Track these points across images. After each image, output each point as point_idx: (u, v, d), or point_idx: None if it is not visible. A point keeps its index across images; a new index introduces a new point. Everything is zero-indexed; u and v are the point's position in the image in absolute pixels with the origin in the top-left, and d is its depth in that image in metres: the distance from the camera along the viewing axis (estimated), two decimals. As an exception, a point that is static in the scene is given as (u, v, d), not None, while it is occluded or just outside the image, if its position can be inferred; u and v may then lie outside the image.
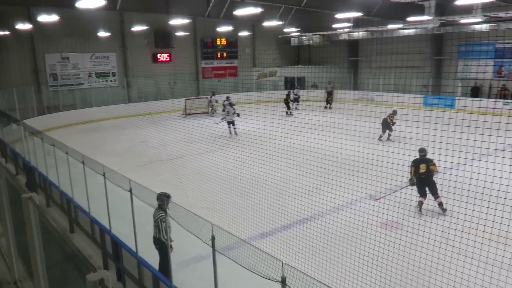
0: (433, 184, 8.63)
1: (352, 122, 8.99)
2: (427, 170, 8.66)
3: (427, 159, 8.84)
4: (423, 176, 8.69)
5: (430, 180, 8.67)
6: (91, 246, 8.31)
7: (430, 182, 8.67)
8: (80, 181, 8.35)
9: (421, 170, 8.71)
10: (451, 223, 6.59)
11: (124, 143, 16.49)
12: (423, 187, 8.74)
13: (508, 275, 5.40)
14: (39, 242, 2.82)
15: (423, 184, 8.73)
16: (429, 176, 8.66)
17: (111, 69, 25.25)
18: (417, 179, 8.73)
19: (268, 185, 9.37)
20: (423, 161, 8.82)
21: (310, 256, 6.64)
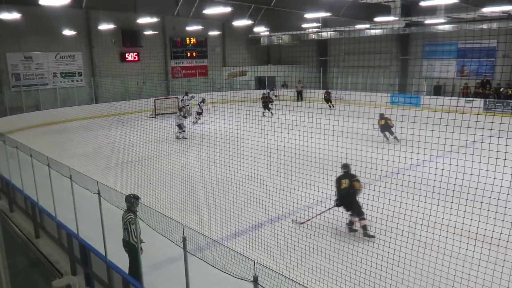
0: (356, 203, 8.01)
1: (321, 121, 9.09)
2: (349, 185, 8.05)
3: (351, 174, 8.31)
4: (343, 193, 8.10)
5: (353, 198, 8.03)
6: (57, 251, 8.08)
7: (354, 201, 8.02)
8: (46, 184, 8.11)
9: (343, 186, 8.11)
10: (417, 219, 6.78)
11: (91, 145, 16.11)
12: (345, 204, 8.16)
13: (472, 267, 5.61)
14: (1, 248, 2.72)
15: (345, 201, 8.13)
16: (351, 194, 8.04)
17: (77, 69, 24.62)
18: (340, 196, 8.15)
19: (239, 185, 9.37)
20: (345, 176, 8.28)
21: (282, 254, 6.69)
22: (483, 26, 20.66)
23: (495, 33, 21.01)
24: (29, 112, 21.83)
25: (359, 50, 26.49)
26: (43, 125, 21.27)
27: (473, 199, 6.16)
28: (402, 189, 7.38)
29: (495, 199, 5.79)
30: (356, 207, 7.99)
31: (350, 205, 8.05)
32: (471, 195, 6.06)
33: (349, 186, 8.03)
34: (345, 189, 8.05)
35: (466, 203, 6.52)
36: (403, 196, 7.12)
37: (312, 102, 27.22)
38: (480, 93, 22.56)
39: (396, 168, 9.53)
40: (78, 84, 24.70)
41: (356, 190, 8.02)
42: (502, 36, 21.46)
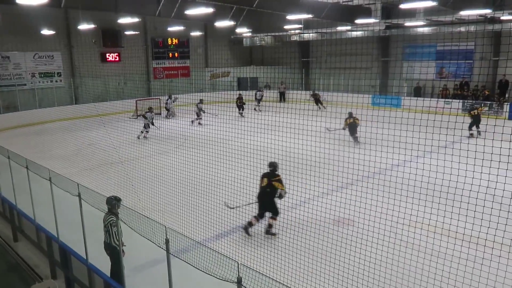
0: (272, 203, 8.03)
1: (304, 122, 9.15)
2: (267, 184, 8.00)
3: (273, 174, 8.16)
4: (261, 190, 8.12)
5: (269, 197, 8.02)
6: (37, 255, 7.91)
7: (269, 200, 8.04)
8: (24, 187, 7.94)
9: (263, 184, 8.14)
10: (399, 218, 6.88)
11: (71, 146, 15.83)
12: (260, 203, 8.13)
13: (452, 265, 5.72)
14: (-22, 253, 2.65)
15: (261, 199, 8.12)
16: (268, 193, 8.00)
17: (56, 69, 24.18)
18: (259, 193, 8.19)
19: (222, 186, 9.35)
20: (267, 175, 8.20)
21: (265, 255, 6.69)
22: (461, 29, 21.13)
23: (473, 35, 21.49)
24: (7, 113, 21.35)
25: (340, 52, 26.76)
26: (21, 126, 20.82)
27: (453, 199, 6.29)
28: (383, 189, 7.47)
29: (474, 198, 5.91)
30: (269, 206, 7.99)
31: (264, 204, 8.05)
32: (451, 195, 6.19)
33: (267, 185, 8.00)
34: (263, 187, 8.09)
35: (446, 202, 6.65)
36: (385, 196, 7.21)
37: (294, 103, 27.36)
38: (459, 95, 23.03)
39: (378, 169, 9.67)
40: (58, 84, 24.27)
41: (275, 190, 7.97)
42: (479, 39, 21.96)
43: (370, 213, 7.24)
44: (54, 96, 23.51)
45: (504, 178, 5.82)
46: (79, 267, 6.41)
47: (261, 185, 8.15)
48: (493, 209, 5.74)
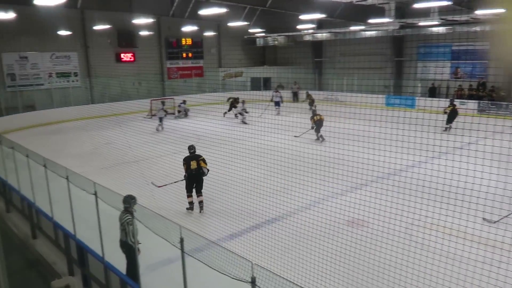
0: (201, 182, 9.05)
1: (318, 122, 9.14)
2: (198, 166, 8.97)
3: (197, 155, 9.16)
4: (194, 173, 8.97)
5: (200, 177, 9.04)
6: (55, 252, 8.04)
7: (200, 180, 9.04)
8: (42, 185, 8.09)
9: (192, 167, 8.96)
10: (413, 220, 6.83)
11: (88, 145, 16.05)
12: (192, 184, 9.03)
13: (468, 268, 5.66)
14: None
15: (193, 181, 9.02)
16: (200, 173, 9.01)
17: (73, 69, 24.51)
18: (189, 175, 9.02)
19: (236, 186, 9.38)
20: (193, 157, 9.10)
21: (279, 255, 6.71)
22: (477, 28, 20.82)
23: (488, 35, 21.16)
24: (25, 112, 21.73)
25: (354, 52, 26.60)
26: (38, 126, 21.16)
27: (469, 200, 6.22)
28: (398, 190, 7.42)
29: (490, 200, 5.85)
30: (199, 185, 9.05)
31: (196, 183, 9.04)
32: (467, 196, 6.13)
33: (198, 166, 8.95)
34: (195, 169, 8.96)
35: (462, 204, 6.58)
36: (399, 197, 7.17)
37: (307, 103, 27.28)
38: (474, 95, 22.70)
39: (392, 170, 9.61)
40: (74, 84, 24.60)
41: (203, 169, 9.00)
42: (495, 39, 21.61)
43: (385, 214, 7.21)
44: (70, 95, 23.85)
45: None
46: (95, 264, 6.51)
47: (191, 167, 8.98)
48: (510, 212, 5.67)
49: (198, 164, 9.00)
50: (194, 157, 9.15)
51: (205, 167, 9.08)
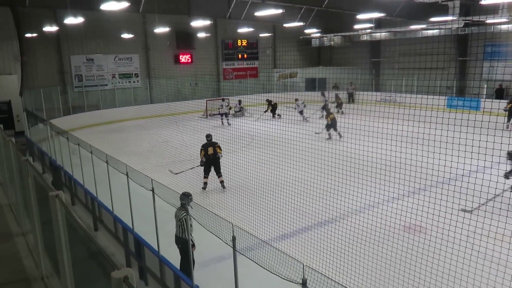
0: (219, 164, 10.76)
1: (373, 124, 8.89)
2: (214, 152, 10.70)
3: (213, 142, 10.91)
4: (211, 157, 10.69)
5: (216, 160, 10.76)
6: (114, 244, 8.46)
7: (217, 163, 10.78)
8: (104, 180, 8.51)
9: (209, 152, 10.69)
10: (476, 228, 6.44)
11: (146, 143, 16.70)
12: (209, 167, 10.75)
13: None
14: (65, 239, 2.88)
15: (211, 164, 10.74)
16: (216, 158, 10.74)
17: (134, 70, 25.64)
18: (207, 160, 10.67)
19: (288, 187, 9.35)
20: (210, 144, 10.83)
21: (331, 258, 6.59)
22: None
23: None
24: (90, 111, 23.04)
25: (414, 52, 25.50)
26: (102, 124, 22.34)
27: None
28: (460, 196, 7.03)
29: None
30: (218, 167, 10.83)
31: (216, 166, 10.83)
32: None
33: (214, 152, 10.69)
34: (212, 155, 10.71)
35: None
36: (461, 204, 6.78)
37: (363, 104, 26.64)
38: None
39: (454, 175, 9.11)
40: (135, 85, 25.73)
41: (219, 154, 10.80)
42: None
43: (444, 221, 6.85)
44: (131, 95, 24.97)
45: None
46: (151, 258, 6.75)
47: (209, 153, 10.72)
48: None
49: (215, 150, 10.70)
50: (211, 144, 10.83)
51: (220, 153, 10.81)
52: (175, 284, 6.09)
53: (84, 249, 2.86)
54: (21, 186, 4.33)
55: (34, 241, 3.93)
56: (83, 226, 2.48)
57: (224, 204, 9.37)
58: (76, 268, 2.96)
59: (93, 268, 2.79)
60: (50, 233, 3.16)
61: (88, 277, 2.95)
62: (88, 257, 2.86)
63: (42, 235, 3.72)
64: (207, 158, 10.68)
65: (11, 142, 4.63)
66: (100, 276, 2.50)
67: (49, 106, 20.16)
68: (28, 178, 3.76)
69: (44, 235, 3.68)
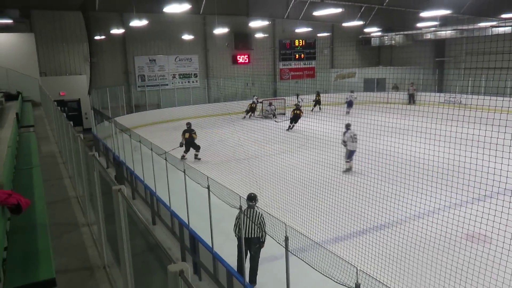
0: (195, 145, 14.32)
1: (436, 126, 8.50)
2: (190, 136, 14.26)
3: (191, 129, 14.40)
4: (188, 140, 14.28)
5: (193, 143, 14.36)
6: (171, 238, 8.76)
7: (192, 143, 14.37)
8: (163, 176, 8.82)
9: (186, 136, 14.26)
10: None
11: (203, 142, 17.10)
12: (188, 147, 14.34)
13: None
14: (126, 231, 3.02)
15: (188, 145, 14.33)
16: (191, 141, 14.32)
17: (193, 71, 26.37)
18: (185, 142, 14.27)
19: (344, 189, 9.18)
20: (188, 130, 14.37)
21: (386, 264, 6.39)
22: None
23: None
24: (151, 110, 24.02)
25: (482, 50, 24.09)
26: (162, 122, 23.19)
27: None
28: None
29: None
30: (195, 146, 14.41)
31: (191, 147, 14.36)
32: None
33: (189, 137, 14.23)
34: (188, 138, 14.27)
35: None
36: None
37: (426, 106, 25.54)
38: None
39: (523, 182, 8.50)
40: (194, 85, 26.47)
41: (194, 138, 14.32)
42: None
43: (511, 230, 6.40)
44: (190, 95, 25.71)
45: None
46: (205, 254, 6.91)
47: (186, 137, 14.31)
48: None
49: (191, 135, 14.20)
50: (188, 130, 14.32)
51: (195, 137, 14.27)
52: (227, 281, 6.20)
53: (143, 242, 2.97)
54: (88, 180, 4.60)
55: (98, 232, 4.16)
56: (142, 220, 2.58)
57: (277, 204, 9.38)
58: (135, 259, 3.09)
59: (151, 260, 2.89)
60: (112, 225, 3.33)
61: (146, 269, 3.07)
62: (146, 250, 2.97)
63: (105, 226, 3.93)
64: (186, 140, 14.22)
65: (80, 138, 4.92)
66: (157, 268, 2.59)
67: (114, 105, 21.31)
68: (93, 172, 3.98)
69: (107, 227, 3.88)
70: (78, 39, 21.36)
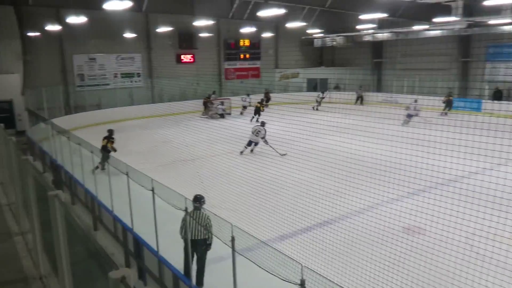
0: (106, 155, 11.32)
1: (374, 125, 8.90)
2: (105, 143, 12.78)
3: (110, 137, 13.00)
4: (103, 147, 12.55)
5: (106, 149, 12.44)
6: (113, 244, 8.47)
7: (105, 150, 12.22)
8: (104, 179, 8.53)
9: (102, 143, 12.80)
10: (475, 229, 6.44)
11: (147, 143, 16.73)
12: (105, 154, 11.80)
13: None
14: (64, 239, 2.90)
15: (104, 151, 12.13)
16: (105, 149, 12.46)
17: (136, 70, 25.68)
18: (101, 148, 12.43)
19: (288, 187, 9.36)
20: (105, 137, 12.96)
21: (329, 259, 6.60)
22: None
23: None
24: (91, 110, 23.07)
25: (416, 52, 25.58)
26: (103, 123, 22.34)
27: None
28: (459, 197, 7.03)
29: None
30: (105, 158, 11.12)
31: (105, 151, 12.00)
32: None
33: (105, 144, 12.75)
34: (103, 146, 12.63)
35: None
36: (460, 205, 6.78)
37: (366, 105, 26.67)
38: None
39: (454, 176, 9.12)
40: (137, 84, 25.77)
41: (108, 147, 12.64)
42: None
43: (444, 222, 6.85)
44: (133, 95, 25.00)
45: None
46: (150, 258, 6.77)
47: (102, 144, 12.77)
48: None
49: (106, 143, 12.81)
50: (106, 137, 12.99)
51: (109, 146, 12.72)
52: (173, 284, 6.11)
53: (83, 249, 2.88)
54: (21, 186, 4.35)
55: (33, 241, 3.95)
56: (82, 226, 2.49)
57: (223, 204, 9.38)
58: (75, 268, 2.98)
59: (91, 268, 2.80)
60: (49, 233, 3.18)
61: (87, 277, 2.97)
62: (87, 257, 2.87)
63: (41, 234, 3.74)
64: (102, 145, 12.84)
65: (12, 141, 4.65)
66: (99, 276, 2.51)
67: (51, 106, 20.20)
68: (28, 177, 3.78)
69: (43, 235, 3.70)
70: (9, 35, 20.01)
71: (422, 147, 8.54)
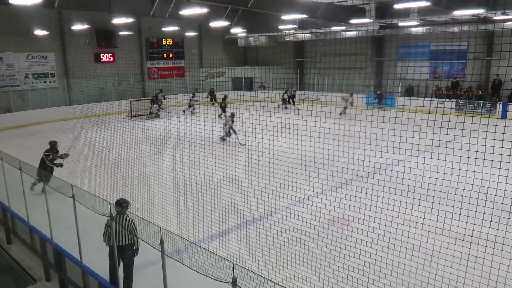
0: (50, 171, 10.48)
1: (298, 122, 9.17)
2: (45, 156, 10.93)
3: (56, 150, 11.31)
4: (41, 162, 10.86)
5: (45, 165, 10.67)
6: (30, 256, 7.86)
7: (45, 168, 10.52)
8: (18, 188, 7.89)
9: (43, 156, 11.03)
10: (393, 217, 6.91)
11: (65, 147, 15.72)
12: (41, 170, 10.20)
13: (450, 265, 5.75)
14: (-29, 255, 2.62)
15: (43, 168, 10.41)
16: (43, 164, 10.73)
17: (50, 70, 24.04)
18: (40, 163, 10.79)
19: (216, 186, 9.34)
20: (46, 151, 11.11)
21: (260, 255, 6.69)
22: (455, 29, 21.23)
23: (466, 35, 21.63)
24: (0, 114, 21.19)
25: (335, 52, 26.81)
26: (15, 128, 20.67)
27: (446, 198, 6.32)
28: (378, 188, 7.50)
29: (468, 197, 5.95)
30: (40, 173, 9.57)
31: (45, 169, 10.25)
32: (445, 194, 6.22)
33: (44, 157, 10.90)
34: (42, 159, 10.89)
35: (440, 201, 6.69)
36: (379, 196, 7.23)
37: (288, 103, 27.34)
38: (452, 94, 23.15)
39: (373, 168, 9.71)
40: (51, 85, 24.13)
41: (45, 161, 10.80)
42: (472, 39, 22.09)
43: (365, 212, 7.27)
44: (47, 97, 23.37)
45: (497, 177, 5.85)
46: (73, 268, 6.38)
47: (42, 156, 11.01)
48: (486, 208, 5.77)
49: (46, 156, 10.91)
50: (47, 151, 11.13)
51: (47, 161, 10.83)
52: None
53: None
54: None
55: None
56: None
57: (151, 207, 9.12)
58: (-16, 286, 2.71)
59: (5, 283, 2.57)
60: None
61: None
62: None
63: None
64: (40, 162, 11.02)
65: None
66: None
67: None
68: None
69: None
70: None
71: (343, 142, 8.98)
